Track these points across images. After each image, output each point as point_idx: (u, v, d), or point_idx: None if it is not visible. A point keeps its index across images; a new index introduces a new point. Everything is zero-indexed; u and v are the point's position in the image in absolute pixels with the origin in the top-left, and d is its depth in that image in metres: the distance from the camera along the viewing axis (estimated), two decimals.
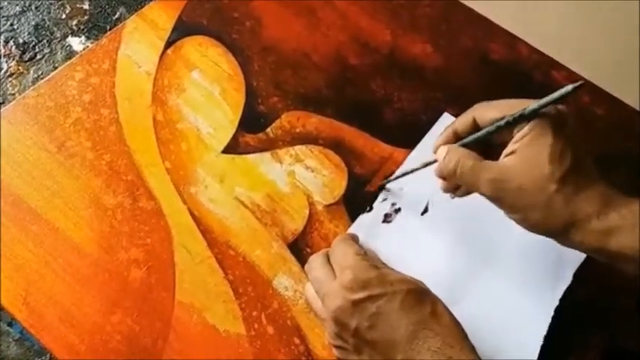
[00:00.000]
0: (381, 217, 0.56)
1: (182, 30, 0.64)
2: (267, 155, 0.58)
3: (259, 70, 0.63)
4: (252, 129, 0.60)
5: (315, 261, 0.49)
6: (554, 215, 0.42)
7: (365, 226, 0.55)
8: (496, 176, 0.44)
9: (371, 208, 0.57)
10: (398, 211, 0.57)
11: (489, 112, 0.46)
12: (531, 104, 0.43)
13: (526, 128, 0.43)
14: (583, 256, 0.55)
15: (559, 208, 0.42)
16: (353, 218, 0.56)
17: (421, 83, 0.64)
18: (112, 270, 0.52)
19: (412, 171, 0.54)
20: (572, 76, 0.65)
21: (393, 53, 0.65)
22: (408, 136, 0.60)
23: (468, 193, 0.49)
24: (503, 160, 0.44)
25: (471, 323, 0.45)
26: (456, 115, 0.60)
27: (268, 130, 0.60)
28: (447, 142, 0.49)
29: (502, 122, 0.44)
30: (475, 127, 0.47)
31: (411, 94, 0.63)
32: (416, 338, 0.42)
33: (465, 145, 0.47)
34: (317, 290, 0.47)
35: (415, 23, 0.68)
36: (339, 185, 0.57)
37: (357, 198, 0.57)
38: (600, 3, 0.69)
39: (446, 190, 0.51)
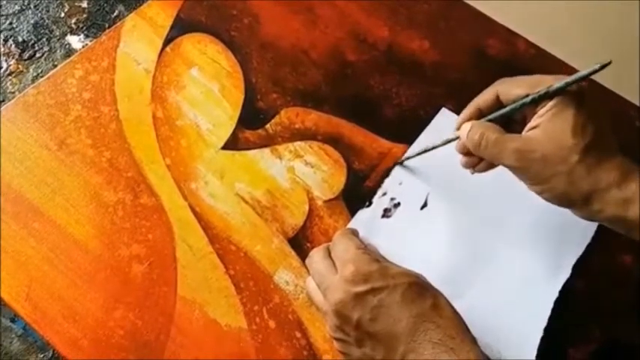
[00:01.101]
0: (381, 212, 0.56)
1: (181, 27, 0.65)
2: (266, 151, 0.59)
3: (258, 67, 0.63)
4: (252, 125, 0.60)
5: (317, 255, 0.50)
6: (577, 185, 0.43)
7: (364, 221, 0.56)
8: (520, 146, 0.45)
9: (370, 203, 0.57)
10: (397, 205, 0.57)
11: (513, 88, 0.47)
12: (555, 82, 0.44)
13: (550, 104, 0.45)
14: (582, 247, 0.55)
15: (581, 178, 0.43)
16: (352, 213, 0.56)
17: (419, 79, 0.64)
18: (114, 266, 0.52)
19: (433, 148, 0.54)
20: (570, 72, 0.65)
21: (391, 49, 0.66)
22: (407, 132, 0.61)
23: (488, 168, 0.50)
24: (527, 133, 0.46)
25: (471, 316, 0.46)
26: (455, 111, 0.61)
27: (267, 126, 0.60)
28: (470, 119, 0.50)
29: (527, 99, 0.45)
30: (498, 103, 0.49)
31: (409, 90, 0.63)
32: (417, 330, 0.43)
33: (489, 121, 0.49)
34: (318, 284, 0.48)
35: (413, 19, 0.68)
36: (339, 181, 0.58)
37: (357, 193, 0.57)
38: (600, 1, 0.70)
39: (467, 166, 0.51)
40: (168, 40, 0.64)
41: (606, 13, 0.69)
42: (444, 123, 0.61)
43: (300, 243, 0.55)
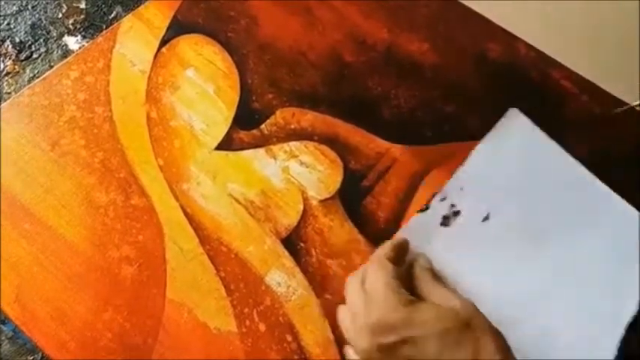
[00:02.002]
0: (440, 219, 0.52)
1: (177, 28, 0.64)
2: (261, 151, 0.58)
3: (254, 68, 0.63)
4: (247, 126, 0.59)
5: (351, 284, 0.46)
6: None
7: (421, 227, 0.52)
8: None
9: (427, 207, 0.53)
10: (457, 213, 0.53)
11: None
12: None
13: None
14: None
15: None
16: (349, 212, 0.55)
17: (418, 81, 0.63)
18: (104, 267, 0.52)
19: None
20: (570, 76, 0.64)
21: (389, 51, 0.65)
22: (405, 133, 0.59)
23: None
24: None
25: (532, 346, 0.43)
26: (454, 113, 0.60)
27: (262, 126, 0.59)
28: None
29: None
30: None
31: (407, 92, 0.62)
32: None
33: None
34: (353, 319, 0.44)
35: (412, 22, 0.67)
36: (335, 180, 0.57)
37: (353, 192, 0.56)
38: (600, 1, 0.68)
39: None
40: (164, 41, 0.63)
41: (608, 15, 0.68)
42: (515, 125, 0.58)
43: (294, 243, 0.54)
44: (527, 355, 0.41)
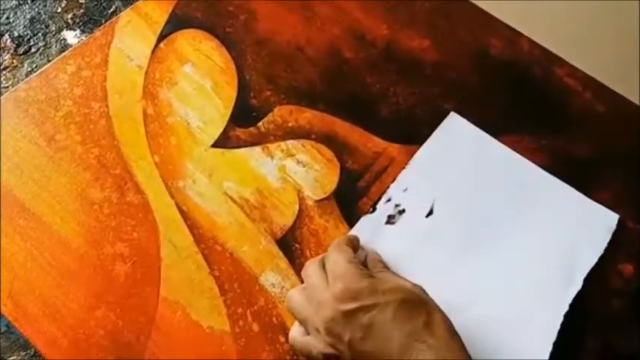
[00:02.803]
0: (385, 219, 0.54)
1: (176, 23, 0.64)
2: (257, 150, 0.57)
3: (252, 63, 0.62)
4: (244, 123, 0.59)
5: (311, 267, 0.48)
6: None
7: (368, 227, 0.54)
8: None
9: (374, 209, 0.55)
10: (402, 212, 0.55)
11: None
12: None
13: None
14: (594, 259, 0.53)
15: None
16: (344, 213, 0.55)
17: (418, 78, 0.62)
18: (98, 264, 0.51)
19: None
20: (574, 73, 0.64)
21: (389, 47, 0.64)
22: (403, 132, 0.59)
23: None
24: None
25: (478, 330, 0.44)
26: (456, 111, 0.59)
27: (260, 124, 0.59)
28: None
29: None
30: None
31: (407, 89, 0.62)
32: (409, 350, 0.41)
33: None
34: (311, 297, 0.46)
35: (413, 17, 0.66)
36: (331, 180, 0.56)
37: (349, 193, 0.56)
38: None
39: None
40: (162, 36, 0.63)
41: (612, 12, 0.67)
42: (454, 128, 0.59)
43: (289, 244, 0.53)
44: (471, 341, 0.43)
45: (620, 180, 0.58)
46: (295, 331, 0.47)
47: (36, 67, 0.63)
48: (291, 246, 0.53)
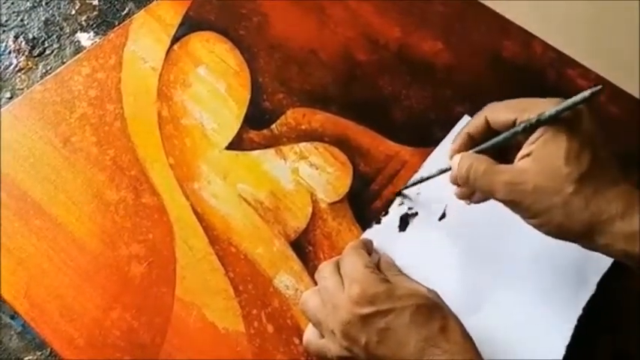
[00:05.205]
0: (397, 222, 0.55)
1: (189, 26, 0.64)
2: (271, 152, 0.57)
3: (265, 66, 0.62)
4: (257, 125, 0.59)
5: (326, 269, 0.48)
6: (574, 218, 0.40)
7: (380, 231, 0.54)
8: (510, 179, 0.42)
9: (386, 213, 0.55)
10: (415, 215, 0.55)
11: (501, 113, 0.44)
12: (546, 107, 0.41)
13: (541, 130, 0.41)
14: (608, 264, 0.52)
15: (578, 210, 0.39)
16: (357, 216, 0.55)
17: (431, 81, 0.63)
18: (113, 265, 0.52)
19: (428, 178, 0.52)
20: (587, 75, 0.64)
21: (402, 50, 0.64)
22: (416, 135, 0.59)
23: (484, 199, 0.48)
24: (518, 163, 0.42)
25: (489, 333, 0.44)
26: (470, 115, 0.59)
27: (273, 126, 0.59)
28: (462, 147, 0.47)
29: (519, 128, 0.42)
30: (488, 128, 0.46)
31: (419, 92, 0.62)
32: (424, 355, 0.41)
33: (481, 151, 0.46)
34: (326, 301, 0.46)
35: (427, 20, 0.66)
36: (344, 183, 0.56)
37: (362, 196, 0.56)
38: (618, 1, 0.67)
39: (461, 197, 0.49)
40: (176, 39, 0.63)
41: (625, 14, 0.67)
42: None
43: (302, 246, 0.54)
44: (483, 345, 0.43)
45: (634, 181, 0.58)
46: (310, 334, 0.47)
47: (50, 69, 0.63)
48: (305, 248, 0.53)
